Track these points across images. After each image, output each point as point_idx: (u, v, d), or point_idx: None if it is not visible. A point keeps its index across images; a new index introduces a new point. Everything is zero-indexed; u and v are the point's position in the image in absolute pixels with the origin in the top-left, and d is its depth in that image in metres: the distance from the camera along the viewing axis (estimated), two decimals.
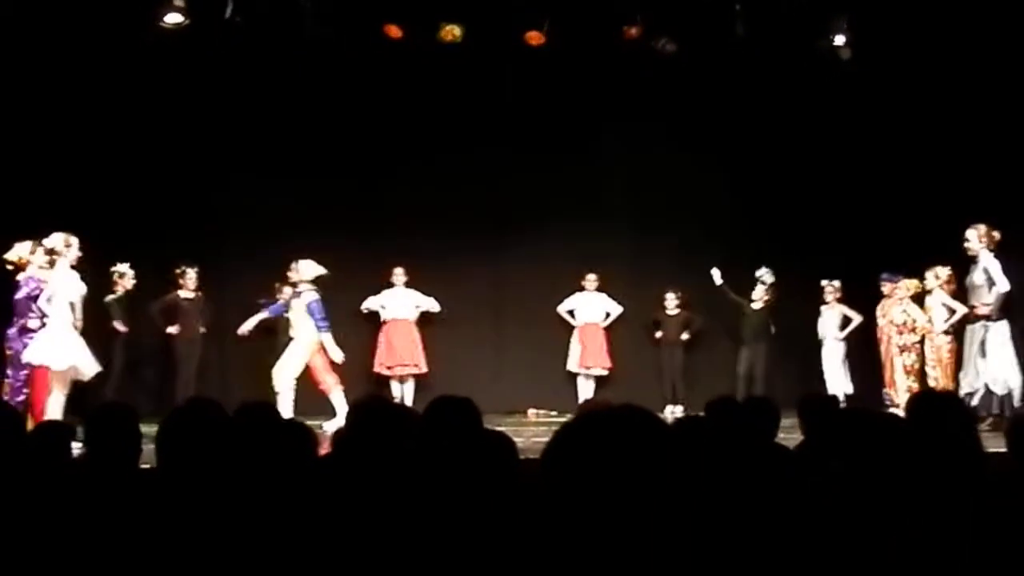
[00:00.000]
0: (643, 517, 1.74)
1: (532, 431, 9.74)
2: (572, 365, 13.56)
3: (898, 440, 2.87)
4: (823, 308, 12.92)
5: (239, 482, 3.09)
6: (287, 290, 11.77)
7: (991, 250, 10.50)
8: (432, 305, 13.21)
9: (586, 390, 13.44)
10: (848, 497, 2.71)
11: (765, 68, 12.63)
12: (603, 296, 13.57)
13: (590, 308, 13.58)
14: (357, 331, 13.39)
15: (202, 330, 12.43)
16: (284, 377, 10.95)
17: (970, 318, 10.70)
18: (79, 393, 9.53)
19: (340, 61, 12.47)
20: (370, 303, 13.24)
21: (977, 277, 10.54)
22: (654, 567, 1.74)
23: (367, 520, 2.84)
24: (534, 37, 12.07)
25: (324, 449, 3.80)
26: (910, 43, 11.91)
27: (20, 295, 9.45)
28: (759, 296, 13.08)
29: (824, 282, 12.84)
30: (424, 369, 13.09)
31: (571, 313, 13.61)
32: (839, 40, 12.01)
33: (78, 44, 11.49)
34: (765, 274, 13.05)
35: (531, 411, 13.34)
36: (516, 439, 3.41)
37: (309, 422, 3.77)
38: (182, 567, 2.84)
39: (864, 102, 12.92)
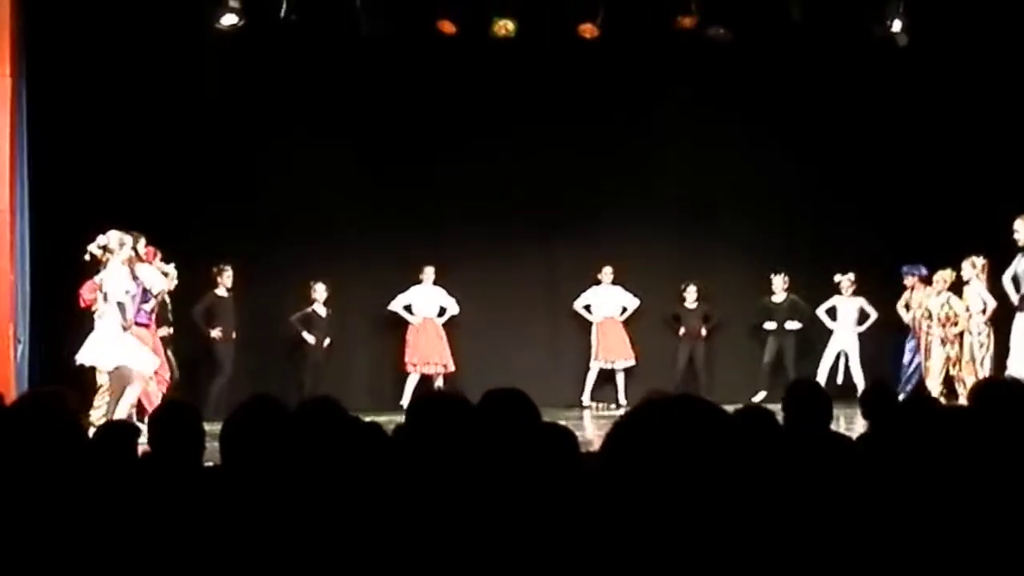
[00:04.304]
0: (704, 506, 1.74)
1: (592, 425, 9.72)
2: (595, 360, 13.43)
3: (965, 430, 2.84)
4: (839, 300, 12.86)
5: (304, 478, 3.11)
6: None
7: None
8: (452, 307, 13.11)
9: (615, 383, 13.38)
10: (913, 487, 2.68)
11: (820, 55, 12.50)
12: (619, 289, 13.42)
13: (607, 302, 13.46)
14: (386, 328, 13.36)
15: (233, 334, 12.15)
16: None
17: (1021, 307, 10.61)
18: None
19: (393, 58, 12.44)
20: (396, 303, 13.06)
21: None
22: (716, 554, 1.73)
23: (432, 514, 2.85)
24: (588, 30, 12.01)
25: None
26: (959, 28, 11.79)
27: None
28: (779, 287, 13.20)
29: (838, 276, 12.82)
30: (452, 368, 12.95)
31: (588, 308, 13.47)
32: (896, 26, 11.81)
33: (133, 48, 11.53)
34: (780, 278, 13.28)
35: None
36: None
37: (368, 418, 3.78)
38: (247, 563, 2.87)
39: (918, 90, 12.76)
